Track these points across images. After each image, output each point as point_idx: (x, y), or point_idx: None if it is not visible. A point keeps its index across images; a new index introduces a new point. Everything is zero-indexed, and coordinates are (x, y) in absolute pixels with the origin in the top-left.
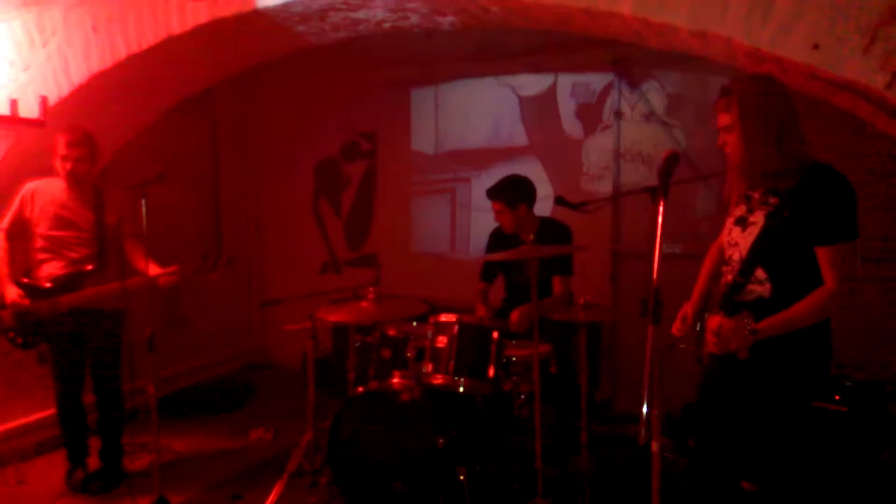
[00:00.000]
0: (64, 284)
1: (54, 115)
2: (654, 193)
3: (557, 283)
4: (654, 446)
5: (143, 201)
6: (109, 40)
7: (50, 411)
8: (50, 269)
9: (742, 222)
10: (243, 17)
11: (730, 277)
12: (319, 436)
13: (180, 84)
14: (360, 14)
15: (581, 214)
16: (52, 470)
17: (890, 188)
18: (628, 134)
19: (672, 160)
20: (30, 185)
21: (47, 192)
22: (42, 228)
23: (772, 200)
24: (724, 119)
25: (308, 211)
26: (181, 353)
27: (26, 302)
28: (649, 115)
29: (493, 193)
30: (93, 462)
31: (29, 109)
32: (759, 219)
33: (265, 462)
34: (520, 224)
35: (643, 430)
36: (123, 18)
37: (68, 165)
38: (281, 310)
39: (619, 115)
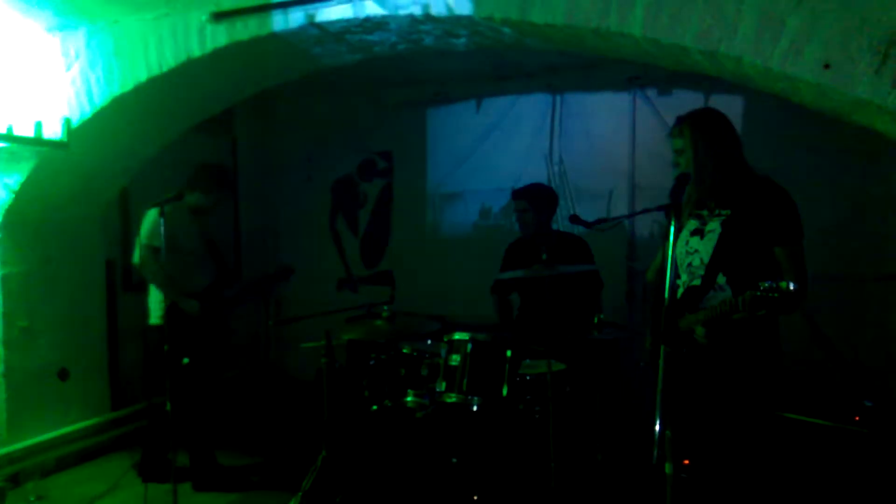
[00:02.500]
0: (215, 292)
1: (78, 136)
2: (667, 212)
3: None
4: (668, 467)
5: (163, 220)
6: (131, 63)
7: (70, 427)
8: (200, 280)
9: (699, 233)
10: (261, 40)
11: (693, 281)
12: (334, 453)
13: (200, 105)
14: (375, 36)
15: (597, 231)
16: (72, 486)
17: None
18: (644, 151)
19: (684, 180)
20: (161, 208)
21: (181, 213)
22: (191, 243)
23: (724, 212)
24: (676, 144)
25: (325, 229)
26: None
27: (203, 317)
28: (664, 133)
29: (520, 193)
30: None
31: (53, 131)
32: (715, 227)
33: (280, 479)
34: (538, 230)
35: (656, 451)
36: (144, 42)
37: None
38: (297, 326)
39: (633, 132)
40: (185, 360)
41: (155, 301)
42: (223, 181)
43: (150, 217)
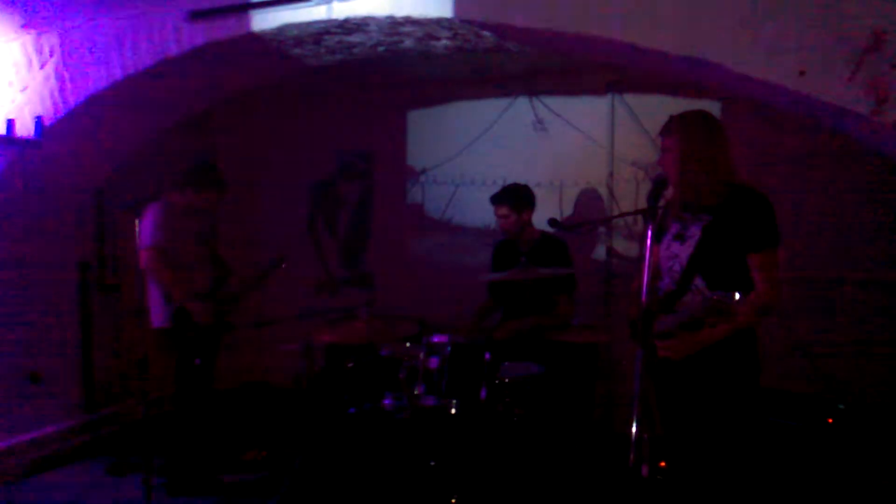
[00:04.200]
0: (218, 292)
1: (51, 135)
2: (644, 216)
3: (563, 302)
4: (644, 470)
5: (138, 221)
6: (106, 62)
7: (39, 432)
8: (200, 283)
9: (680, 237)
10: (239, 39)
11: (672, 285)
12: (312, 457)
13: (177, 105)
14: (355, 38)
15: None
16: (44, 490)
17: None
18: (622, 156)
19: (660, 183)
20: (162, 204)
21: (179, 209)
22: (187, 245)
23: (704, 217)
24: (665, 142)
25: (304, 230)
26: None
27: (210, 320)
28: (643, 138)
29: (499, 198)
30: None
31: (26, 130)
32: (695, 232)
33: (257, 482)
34: (521, 230)
35: (633, 453)
36: (120, 40)
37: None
38: (275, 329)
39: (612, 135)
40: (197, 362)
41: (157, 304)
42: (215, 180)
43: (148, 218)
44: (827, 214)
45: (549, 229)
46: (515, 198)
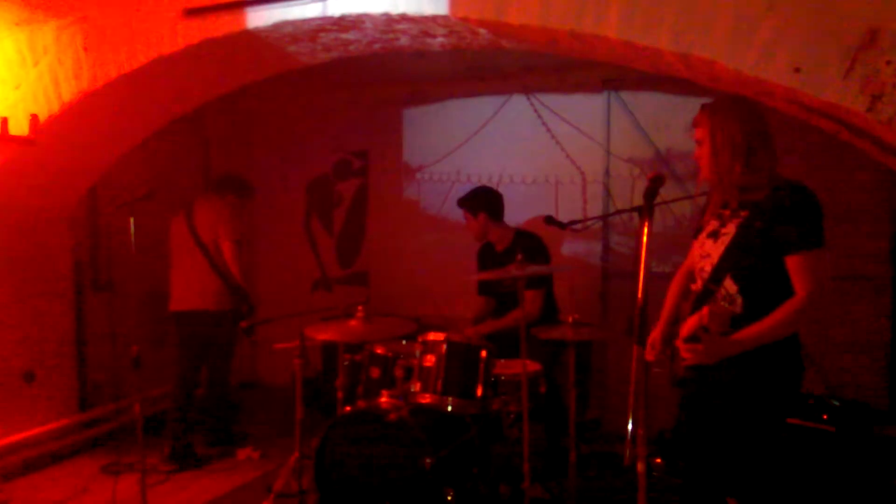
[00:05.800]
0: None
1: (45, 133)
2: (640, 213)
3: (528, 298)
4: (640, 467)
5: (132, 219)
6: (100, 60)
7: (34, 430)
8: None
9: (715, 235)
10: (234, 37)
11: (700, 285)
12: (307, 455)
13: (171, 103)
14: (351, 35)
15: (572, 231)
16: (39, 489)
17: None
18: (618, 153)
19: (657, 181)
20: (225, 203)
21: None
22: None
23: (742, 213)
24: (697, 133)
25: (300, 229)
26: (168, 372)
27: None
28: (639, 135)
29: (459, 201)
30: None
31: (19, 128)
32: (730, 230)
33: (252, 482)
34: (485, 232)
35: (628, 450)
36: (115, 38)
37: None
38: (270, 328)
39: (608, 133)
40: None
41: (216, 289)
42: (251, 188)
43: (226, 213)
44: (828, 213)
45: (535, 229)
46: (472, 201)
